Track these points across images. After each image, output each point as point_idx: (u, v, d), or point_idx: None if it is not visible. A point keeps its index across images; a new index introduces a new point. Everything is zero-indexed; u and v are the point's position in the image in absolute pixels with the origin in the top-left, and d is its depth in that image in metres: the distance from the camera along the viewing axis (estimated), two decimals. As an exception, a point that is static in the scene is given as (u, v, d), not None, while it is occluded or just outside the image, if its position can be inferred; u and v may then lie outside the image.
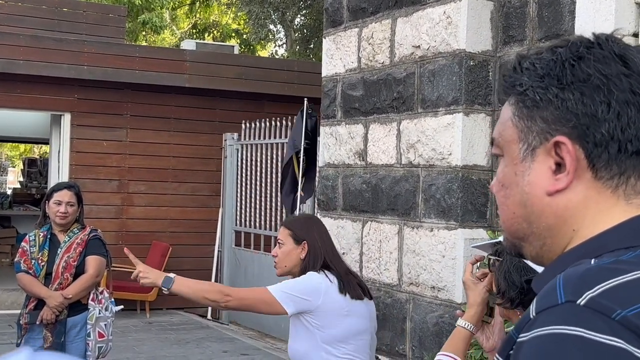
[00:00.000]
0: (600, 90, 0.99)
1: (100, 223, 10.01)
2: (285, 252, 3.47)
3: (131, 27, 19.34)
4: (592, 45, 1.03)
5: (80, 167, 10.14)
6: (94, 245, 4.97)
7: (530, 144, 1.04)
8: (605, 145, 0.99)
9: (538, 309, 0.90)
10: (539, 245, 1.06)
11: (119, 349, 8.32)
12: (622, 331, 0.83)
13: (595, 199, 1.00)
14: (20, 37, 10.05)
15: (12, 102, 10.03)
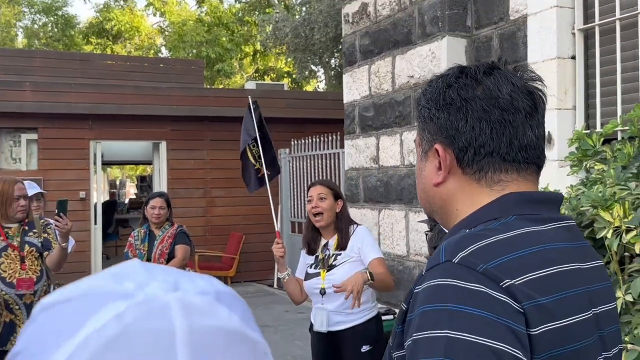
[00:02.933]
0: (460, 110, 1.02)
1: (191, 220, 10.19)
2: (329, 206, 3.39)
3: (208, 75, 19.57)
4: (460, 76, 1.06)
5: (174, 180, 10.32)
6: (180, 237, 5.01)
7: (424, 149, 1.09)
8: (466, 150, 1.02)
9: (427, 267, 0.94)
10: (439, 218, 1.11)
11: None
12: (483, 279, 0.87)
13: (467, 188, 1.03)
14: (127, 87, 10.28)
15: (124, 135, 10.24)
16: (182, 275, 0.51)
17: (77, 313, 0.46)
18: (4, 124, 9.40)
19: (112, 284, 0.48)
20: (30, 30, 23.22)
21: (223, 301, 0.49)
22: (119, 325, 0.44)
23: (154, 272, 0.50)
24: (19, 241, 3.85)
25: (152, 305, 0.46)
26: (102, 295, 0.47)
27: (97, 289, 0.48)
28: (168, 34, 21.92)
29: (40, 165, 9.58)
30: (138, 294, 0.46)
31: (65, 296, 0.48)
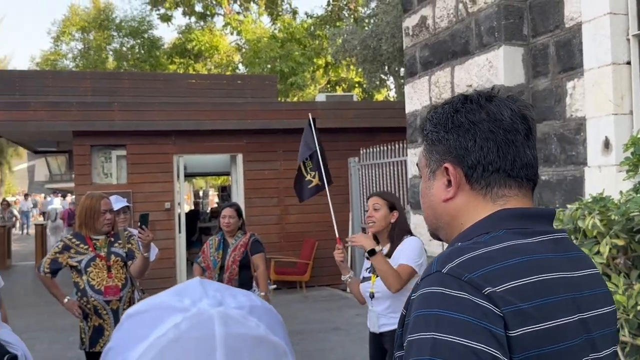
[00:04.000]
0: (469, 132, 1.10)
1: (266, 228, 10.46)
2: (383, 215, 3.47)
3: (282, 88, 19.96)
4: (466, 101, 1.14)
5: (251, 190, 10.61)
6: (255, 246, 5.08)
7: (432, 169, 1.17)
8: (475, 168, 1.10)
9: (422, 277, 1.04)
10: (444, 234, 1.19)
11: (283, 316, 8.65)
12: (467, 287, 0.96)
13: (473, 202, 1.11)
14: (206, 104, 10.69)
15: (203, 149, 10.64)
16: (228, 293, 0.66)
17: (149, 321, 0.62)
18: (96, 141, 10.00)
19: (175, 300, 0.63)
20: (119, 52, 24.45)
21: (254, 313, 0.64)
22: (176, 332, 0.60)
23: (208, 290, 0.65)
24: (105, 251, 4.14)
25: (200, 317, 0.61)
26: (167, 309, 0.62)
27: (164, 303, 0.63)
28: (244, 51, 22.53)
29: (129, 179, 10.11)
30: (192, 308, 0.62)
31: (143, 308, 0.64)
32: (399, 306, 3.32)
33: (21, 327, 6.69)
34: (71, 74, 15.28)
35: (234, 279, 5.02)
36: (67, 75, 14.20)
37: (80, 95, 11.24)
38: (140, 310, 0.64)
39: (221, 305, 0.63)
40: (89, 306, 4.07)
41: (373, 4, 16.69)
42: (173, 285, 2.90)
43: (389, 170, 9.19)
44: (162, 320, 0.61)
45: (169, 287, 2.93)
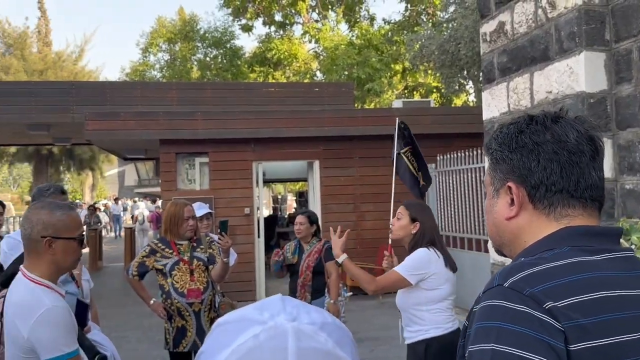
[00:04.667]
0: (533, 153, 1.13)
1: (343, 234, 10.52)
2: (402, 225, 3.45)
3: (359, 94, 20.01)
4: (531, 122, 1.16)
5: (327, 196, 10.73)
6: (328, 253, 5.07)
7: (496, 187, 1.20)
8: (538, 187, 1.12)
9: (484, 290, 1.07)
10: (508, 250, 1.21)
11: (359, 321, 8.68)
12: (528, 301, 0.98)
13: (536, 222, 1.14)
14: (284, 112, 10.91)
15: (281, 156, 10.85)
16: (304, 310, 0.73)
17: (233, 331, 0.70)
18: (180, 149, 10.42)
19: (256, 313, 0.71)
20: (203, 62, 25.31)
21: (325, 329, 0.70)
22: (255, 342, 0.67)
23: (286, 306, 0.72)
24: (189, 256, 4.33)
25: (276, 330, 0.68)
26: (248, 321, 0.70)
27: (248, 315, 0.71)
28: (322, 59, 22.77)
29: (211, 185, 10.46)
30: (269, 321, 0.69)
31: (230, 319, 0.73)
32: (410, 319, 3.38)
33: (111, 326, 7.07)
34: (158, 85, 15.97)
35: (307, 284, 5.09)
36: (154, 86, 14.85)
37: (166, 105, 11.74)
38: (228, 321, 0.72)
39: (295, 320, 0.69)
40: (172, 308, 4.27)
41: (451, 8, 16.48)
42: (251, 288, 3.09)
43: (467, 177, 9.06)
44: (243, 330, 0.69)
45: (248, 290, 3.13)
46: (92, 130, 10.26)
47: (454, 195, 9.52)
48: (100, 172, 34.49)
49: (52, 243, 2.41)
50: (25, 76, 26.68)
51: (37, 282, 2.41)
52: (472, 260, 8.97)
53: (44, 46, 32.15)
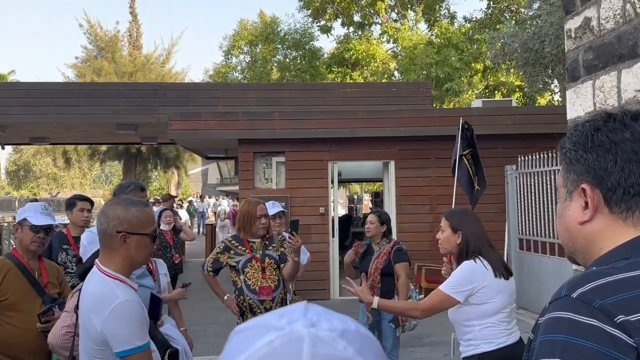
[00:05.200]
0: (610, 152, 1.03)
1: (418, 235, 10.36)
2: (445, 238, 3.28)
3: (437, 94, 19.64)
4: (608, 120, 1.06)
5: (402, 197, 10.59)
6: (398, 254, 5.09)
7: (569, 189, 1.11)
8: (614, 190, 1.02)
9: (550, 301, 0.98)
10: (581, 258, 1.12)
11: (435, 325, 8.49)
12: (598, 314, 0.90)
13: (612, 227, 1.04)
14: (359, 112, 10.86)
15: (357, 156, 10.82)
16: (325, 317, 0.69)
17: (250, 337, 0.67)
18: (258, 149, 10.59)
19: (275, 320, 0.69)
20: (282, 64, 25.66)
21: (345, 337, 0.66)
22: (269, 348, 0.65)
23: (307, 312, 0.69)
24: (261, 254, 4.37)
25: (292, 336, 0.65)
26: (266, 327, 0.68)
27: (266, 322, 0.69)
28: (400, 58, 22.55)
29: (287, 184, 10.57)
30: (286, 327, 0.67)
31: (248, 325, 0.71)
32: (462, 333, 3.23)
33: (192, 319, 7.28)
34: (238, 86, 16.32)
35: (376, 286, 5.03)
36: (234, 87, 15.19)
37: (245, 105, 11.97)
38: (246, 327, 0.70)
39: (313, 326, 0.66)
40: (245, 304, 4.33)
41: (536, 4, 15.87)
42: (325, 287, 3.06)
43: (550, 178, 8.69)
44: (259, 337, 0.66)
45: (322, 289, 3.10)
46: (175, 130, 10.61)
47: (536, 198, 9.15)
48: (185, 171, 35.68)
49: (126, 238, 2.47)
50: (116, 78, 28.00)
51: (111, 276, 2.48)
52: (554, 266, 8.58)
53: (134, 49, 33.60)
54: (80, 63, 30.97)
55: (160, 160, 30.62)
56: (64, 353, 2.94)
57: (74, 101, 12.20)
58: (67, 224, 5.48)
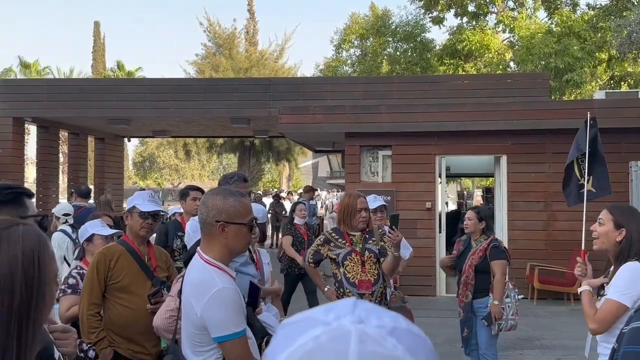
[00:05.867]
0: None
1: (531, 234, 9.91)
2: (604, 232, 3.01)
3: (557, 86, 18.61)
4: None
5: (514, 193, 10.16)
6: (494, 252, 4.99)
7: None
8: None
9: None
10: None
11: (546, 328, 8.10)
12: None
13: None
14: (469, 104, 10.53)
15: (466, 150, 10.51)
16: (375, 314, 0.66)
17: (296, 331, 0.66)
18: (364, 142, 10.57)
19: (322, 314, 0.66)
20: (393, 57, 25.45)
21: (395, 335, 0.63)
22: (315, 343, 0.63)
23: (356, 308, 0.67)
24: (360, 247, 4.35)
25: (339, 332, 0.63)
26: (312, 321, 0.66)
27: (313, 316, 0.67)
28: (516, 49, 21.60)
29: (393, 178, 10.47)
30: (333, 322, 0.64)
31: (295, 319, 0.69)
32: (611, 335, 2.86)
33: (298, 309, 7.41)
34: (347, 80, 16.40)
35: (469, 283, 4.94)
36: (343, 80, 15.28)
37: (354, 99, 11.98)
38: (293, 321, 0.68)
39: (362, 322, 0.64)
40: (344, 297, 4.33)
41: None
42: (431, 284, 3.02)
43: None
44: (305, 331, 0.64)
45: (427, 286, 3.07)
46: (285, 124, 10.84)
47: (663, 197, 8.43)
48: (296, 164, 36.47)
49: (225, 227, 2.54)
50: (232, 74, 29.07)
51: (211, 263, 2.56)
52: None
53: (250, 46, 34.71)
54: (200, 60, 32.48)
55: (272, 153, 31.47)
56: (167, 335, 3.09)
57: (192, 96, 12.81)
58: (182, 213, 5.78)
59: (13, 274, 1.18)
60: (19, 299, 1.17)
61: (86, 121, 13.75)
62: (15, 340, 1.16)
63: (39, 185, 13.69)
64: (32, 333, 1.20)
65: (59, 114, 12.90)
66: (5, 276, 1.17)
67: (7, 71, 37.71)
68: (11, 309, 1.16)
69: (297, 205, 8.02)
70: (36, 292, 1.21)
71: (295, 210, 7.87)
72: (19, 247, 1.21)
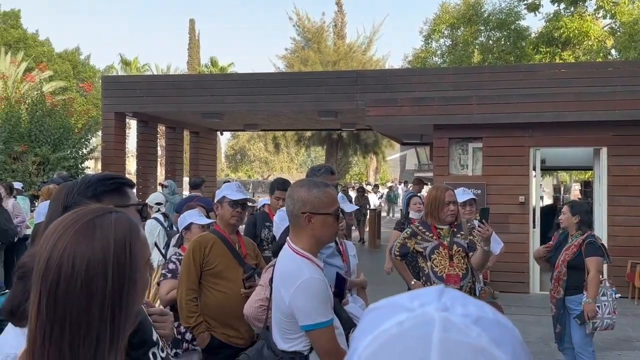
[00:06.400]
0: None
1: (634, 230, 9.39)
2: None
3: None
4: None
5: (615, 187, 9.64)
6: (589, 248, 4.82)
7: None
8: None
9: None
10: None
11: (644, 329, 7.68)
12: None
13: None
14: (567, 94, 10.08)
15: (562, 142, 10.08)
16: (460, 302, 0.66)
17: (380, 316, 0.67)
18: (453, 134, 10.37)
19: (407, 301, 0.67)
20: (484, 46, 24.71)
21: (480, 324, 0.63)
22: (399, 329, 0.64)
23: (442, 296, 0.67)
24: (448, 241, 4.30)
25: (423, 319, 0.63)
26: (397, 307, 0.67)
27: (397, 303, 0.68)
28: (618, 35, 20.37)
29: (484, 171, 10.21)
30: (418, 309, 0.65)
31: (380, 305, 0.70)
32: None
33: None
34: (435, 70, 16.09)
35: (561, 279, 4.78)
36: (431, 72, 14.99)
37: (442, 90, 11.76)
38: (378, 307, 0.69)
39: (446, 310, 0.64)
40: (431, 291, 4.29)
41: None
42: (524, 280, 2.99)
43: None
44: (390, 316, 0.65)
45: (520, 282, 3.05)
46: (372, 116, 10.82)
47: None
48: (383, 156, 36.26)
49: (311, 218, 2.59)
50: (320, 67, 29.31)
51: (299, 253, 2.63)
52: None
53: (339, 39, 34.83)
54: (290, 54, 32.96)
55: (360, 145, 31.46)
56: (257, 324, 3.19)
57: (281, 90, 13.04)
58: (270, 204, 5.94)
59: (106, 259, 1.23)
60: (111, 284, 1.22)
61: (182, 115, 14.33)
62: (108, 323, 1.21)
63: (139, 176, 14.42)
64: (124, 317, 1.24)
65: (157, 108, 13.52)
66: (99, 262, 1.22)
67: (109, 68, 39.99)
68: (104, 293, 1.21)
69: (411, 198, 7.12)
70: (128, 277, 1.25)
71: (410, 204, 7.01)
72: (111, 234, 1.26)
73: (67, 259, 1.22)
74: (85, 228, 1.26)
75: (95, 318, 1.21)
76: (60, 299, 1.21)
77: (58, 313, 1.21)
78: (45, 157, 13.34)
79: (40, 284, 1.23)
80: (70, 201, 1.76)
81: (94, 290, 1.21)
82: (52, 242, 1.25)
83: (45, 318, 1.21)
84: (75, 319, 1.20)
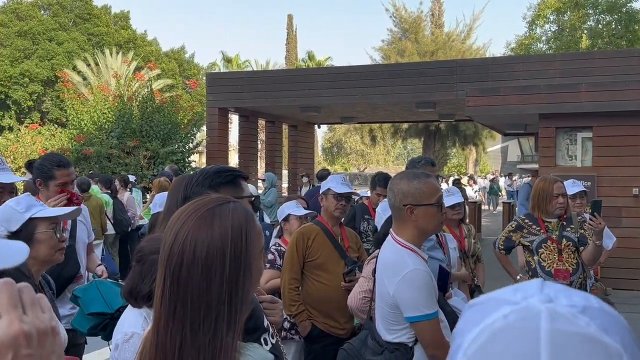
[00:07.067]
0: None
1: None
2: None
3: None
4: None
5: None
6: None
7: None
8: None
9: None
10: None
11: None
12: None
13: None
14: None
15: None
16: (564, 293, 0.66)
17: (484, 310, 0.67)
18: (561, 123, 9.89)
19: (510, 295, 0.67)
20: (594, 30, 23.39)
21: (587, 313, 0.63)
22: (503, 322, 0.64)
23: (544, 289, 0.67)
24: (557, 235, 4.12)
25: (528, 311, 0.63)
26: (500, 301, 0.67)
27: (500, 296, 0.68)
28: None
29: (594, 162, 9.68)
30: (521, 302, 0.65)
31: (482, 300, 0.70)
32: None
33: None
34: (540, 57, 15.42)
35: None
36: (535, 59, 14.39)
37: (548, 77, 11.25)
38: (480, 302, 0.69)
39: (551, 302, 0.63)
40: (538, 286, 4.15)
41: None
42: (637, 277, 2.84)
43: None
44: (493, 310, 0.65)
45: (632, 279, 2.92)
46: (472, 107, 10.54)
47: None
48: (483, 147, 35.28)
49: (413, 210, 2.58)
50: (418, 58, 28.88)
51: (403, 245, 2.62)
52: None
53: (436, 28, 34.19)
54: (386, 45, 32.75)
55: (459, 137, 30.78)
56: (361, 315, 3.22)
57: (377, 82, 12.99)
58: (369, 197, 5.96)
59: (224, 246, 1.29)
60: (228, 269, 1.29)
61: (280, 110, 14.63)
62: (226, 305, 1.27)
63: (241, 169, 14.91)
64: (240, 301, 1.30)
65: (257, 103, 13.90)
66: (218, 249, 1.29)
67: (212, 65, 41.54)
68: (222, 279, 1.28)
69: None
70: (244, 264, 1.31)
71: None
72: (229, 222, 1.32)
73: (189, 244, 1.30)
74: (205, 216, 1.34)
75: (214, 300, 1.28)
76: (183, 281, 1.29)
77: (180, 294, 1.29)
78: (155, 152, 14.11)
79: (165, 267, 1.32)
80: (189, 191, 1.86)
81: (213, 274, 1.29)
82: (176, 228, 1.34)
83: (169, 298, 1.30)
84: (196, 300, 1.28)
